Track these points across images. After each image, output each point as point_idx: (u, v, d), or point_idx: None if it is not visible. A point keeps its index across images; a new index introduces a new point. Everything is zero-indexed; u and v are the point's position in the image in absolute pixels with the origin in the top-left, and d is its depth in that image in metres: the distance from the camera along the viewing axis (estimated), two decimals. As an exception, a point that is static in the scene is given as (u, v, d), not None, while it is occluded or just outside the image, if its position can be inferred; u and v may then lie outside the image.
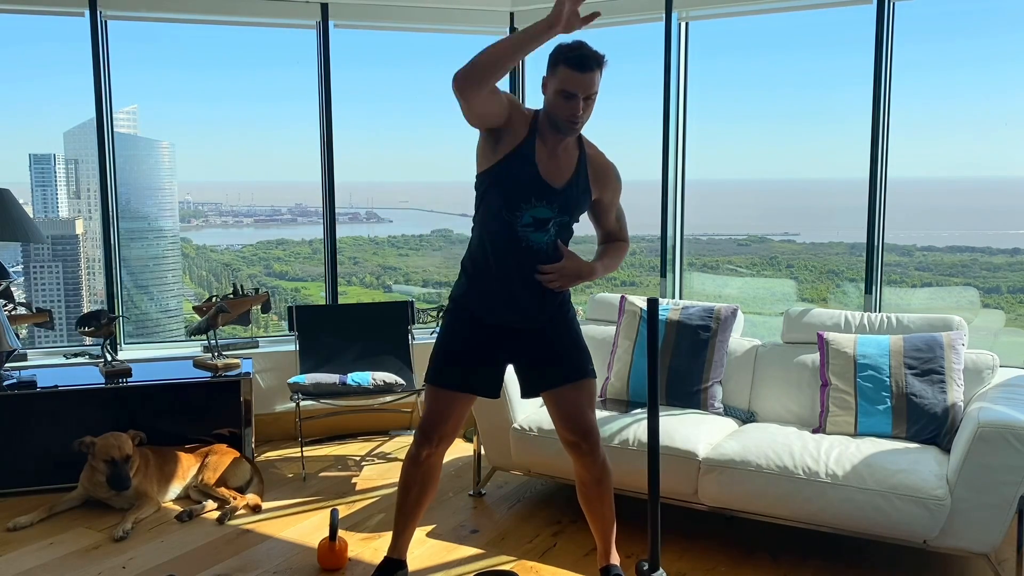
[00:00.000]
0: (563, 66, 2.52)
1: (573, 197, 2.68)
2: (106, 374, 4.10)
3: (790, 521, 3.10)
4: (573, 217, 2.73)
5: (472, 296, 2.76)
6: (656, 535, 2.35)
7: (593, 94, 2.56)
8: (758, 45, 4.96)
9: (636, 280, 5.63)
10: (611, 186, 2.78)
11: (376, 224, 6.38)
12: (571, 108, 2.54)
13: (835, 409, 3.39)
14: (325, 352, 4.50)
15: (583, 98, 2.53)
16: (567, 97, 2.53)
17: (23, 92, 5.20)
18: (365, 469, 4.29)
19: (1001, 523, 2.78)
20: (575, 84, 2.51)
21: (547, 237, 2.66)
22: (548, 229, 2.66)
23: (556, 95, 2.55)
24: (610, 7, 4.69)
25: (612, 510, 2.88)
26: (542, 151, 2.64)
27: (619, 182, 2.80)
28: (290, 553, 3.30)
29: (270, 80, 5.65)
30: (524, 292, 2.68)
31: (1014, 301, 4.66)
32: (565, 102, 2.54)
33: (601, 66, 2.55)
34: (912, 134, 4.32)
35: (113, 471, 3.59)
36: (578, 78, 2.51)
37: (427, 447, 2.80)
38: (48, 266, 5.38)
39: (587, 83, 2.52)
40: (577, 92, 2.52)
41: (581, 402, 2.77)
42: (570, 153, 2.69)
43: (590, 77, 2.52)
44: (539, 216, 2.64)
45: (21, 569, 3.17)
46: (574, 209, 2.71)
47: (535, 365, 2.80)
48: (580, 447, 2.77)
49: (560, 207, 2.65)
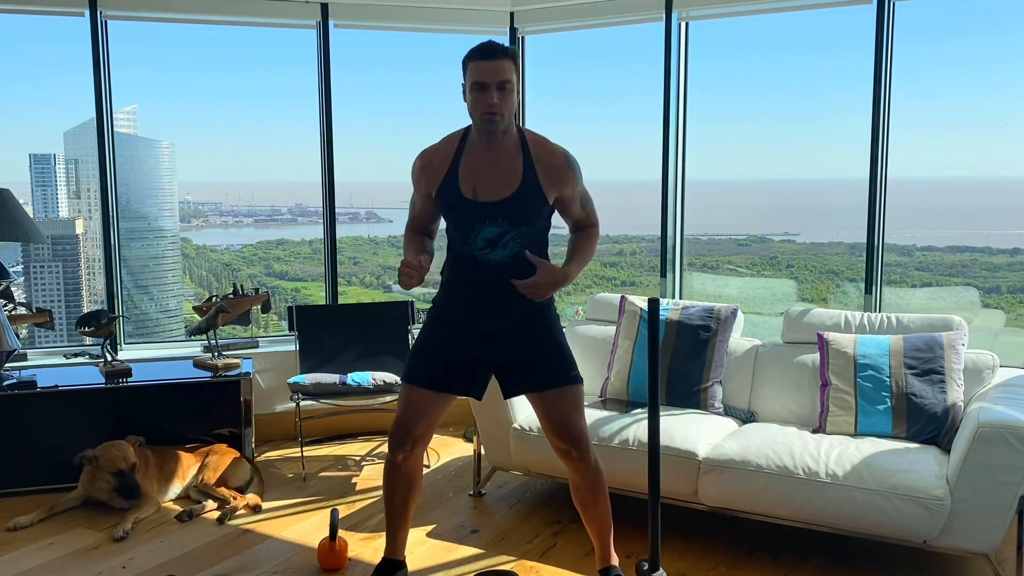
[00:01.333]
0: (470, 61, 2.53)
1: (521, 207, 2.59)
2: (106, 374, 4.10)
3: (790, 521, 3.10)
4: (530, 225, 2.64)
5: (447, 304, 2.78)
6: (656, 535, 2.35)
7: (506, 82, 2.51)
8: (758, 45, 4.97)
9: (636, 280, 5.63)
10: (567, 179, 2.65)
11: (376, 224, 6.38)
12: (485, 99, 2.51)
13: (835, 409, 3.39)
14: (325, 352, 4.50)
15: (495, 87, 2.50)
16: (480, 89, 2.51)
17: (23, 92, 5.21)
18: (365, 469, 4.29)
19: (1001, 523, 2.78)
20: (483, 73, 2.49)
21: (506, 252, 2.63)
22: (505, 244, 2.62)
23: (471, 92, 2.54)
24: (610, 7, 4.69)
25: (608, 513, 2.86)
26: (474, 169, 2.60)
27: (574, 170, 2.67)
28: (290, 553, 3.30)
29: (270, 80, 5.65)
30: (495, 307, 2.68)
31: (1014, 301, 4.66)
32: (480, 95, 2.51)
33: (509, 56, 2.52)
34: (912, 134, 4.33)
35: (121, 482, 3.58)
36: (485, 66, 2.49)
37: (401, 451, 2.78)
38: (48, 266, 5.38)
39: (495, 70, 2.49)
40: (487, 81, 2.49)
41: (565, 408, 2.73)
42: (512, 159, 2.61)
43: (497, 64, 2.49)
44: (489, 236, 2.61)
45: (21, 569, 3.17)
46: (528, 219, 2.62)
47: (511, 369, 2.78)
48: (570, 454, 2.75)
49: (509, 220, 2.59)
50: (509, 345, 2.74)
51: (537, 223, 2.67)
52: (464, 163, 2.62)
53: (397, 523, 2.91)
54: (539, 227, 2.70)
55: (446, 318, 2.78)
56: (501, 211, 2.58)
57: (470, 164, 2.62)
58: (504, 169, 2.60)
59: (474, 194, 2.59)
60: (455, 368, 2.77)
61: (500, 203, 2.58)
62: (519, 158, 2.61)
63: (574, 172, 2.68)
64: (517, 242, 2.63)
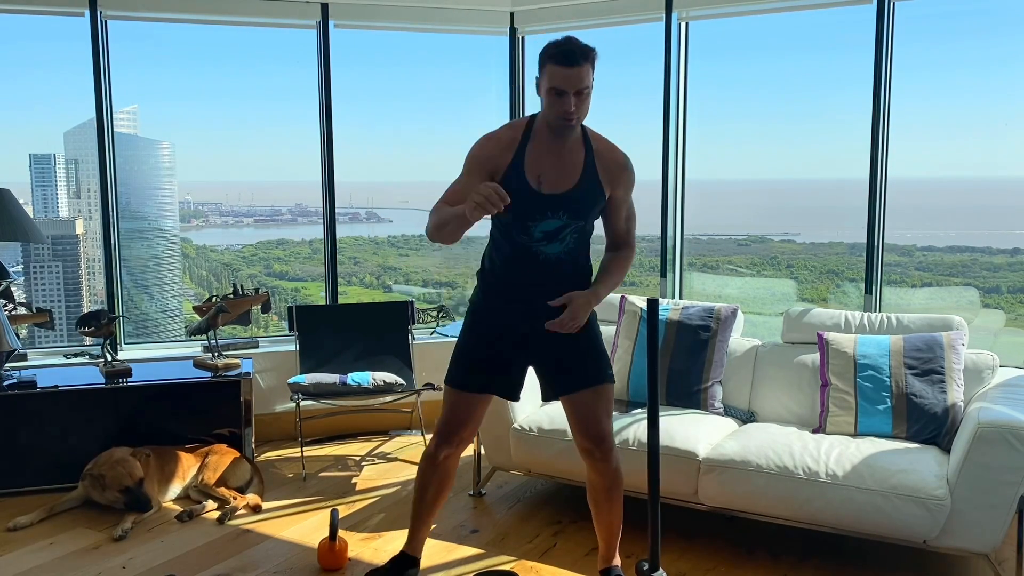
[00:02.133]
0: (550, 63, 2.49)
1: (582, 200, 2.61)
2: (106, 374, 4.10)
3: (790, 521, 3.10)
4: (588, 221, 2.66)
5: (490, 306, 2.77)
6: (656, 535, 2.35)
7: (584, 88, 2.49)
8: (758, 45, 4.97)
9: (636, 280, 5.62)
10: (623, 180, 2.66)
11: (376, 224, 6.38)
12: (563, 105, 2.49)
13: (835, 409, 3.39)
14: (325, 352, 4.50)
15: (574, 94, 2.48)
16: (558, 94, 2.49)
17: (23, 92, 5.20)
18: (365, 469, 4.29)
19: (1001, 523, 2.78)
20: (563, 80, 2.47)
21: (562, 247, 2.63)
22: (563, 238, 2.62)
23: (548, 94, 2.52)
24: (610, 7, 4.69)
25: (620, 517, 2.86)
26: (539, 160, 2.59)
27: (631, 175, 2.69)
28: (290, 553, 3.30)
29: (270, 80, 5.65)
30: (542, 301, 2.63)
31: (1014, 301, 4.66)
32: (557, 99, 2.50)
33: (590, 59, 2.49)
34: (912, 134, 4.33)
35: (131, 498, 3.56)
36: (566, 73, 2.46)
37: (447, 448, 2.83)
38: (48, 266, 5.38)
39: (575, 78, 2.46)
40: (566, 88, 2.47)
41: (598, 408, 2.73)
42: (575, 154, 2.61)
43: (578, 72, 2.46)
44: (549, 228, 2.60)
45: (21, 569, 3.17)
46: (587, 213, 2.63)
47: (557, 369, 2.77)
48: (593, 454, 2.75)
49: (569, 214, 2.59)
50: (549, 346, 2.72)
51: (593, 218, 2.68)
52: (530, 153, 2.61)
53: (422, 520, 2.95)
54: (593, 224, 2.71)
55: (487, 319, 2.77)
56: (563, 204, 2.59)
57: (536, 155, 2.61)
58: (567, 162, 2.61)
59: (539, 184, 2.59)
60: (498, 370, 2.78)
61: (563, 196, 2.59)
62: (582, 152, 2.62)
63: (630, 176, 2.69)
64: (574, 237, 2.64)
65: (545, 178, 2.59)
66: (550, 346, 2.72)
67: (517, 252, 2.66)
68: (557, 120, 2.54)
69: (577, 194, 2.60)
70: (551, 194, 2.58)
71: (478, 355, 2.78)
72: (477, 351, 2.78)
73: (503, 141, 2.63)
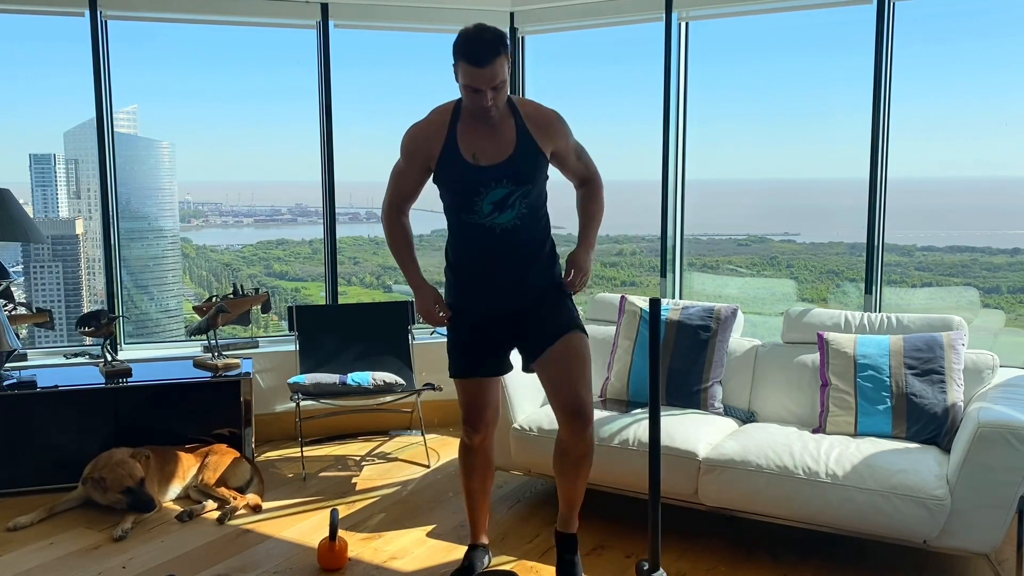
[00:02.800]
0: (462, 61, 2.51)
1: (523, 164, 2.65)
2: (106, 374, 4.10)
3: (790, 521, 3.10)
4: (534, 184, 2.69)
5: (460, 293, 2.82)
6: (656, 535, 2.35)
7: (500, 82, 2.52)
8: (758, 45, 4.97)
9: (636, 280, 5.63)
10: (558, 132, 2.73)
11: (376, 224, 6.36)
12: (479, 100, 2.53)
13: (835, 409, 3.39)
14: (325, 352, 4.50)
15: (489, 88, 2.51)
16: (474, 91, 2.53)
17: (23, 92, 5.20)
18: (365, 469, 4.29)
19: (1001, 523, 2.78)
20: (477, 79, 2.49)
21: (513, 212, 2.67)
22: (512, 204, 2.66)
23: (464, 89, 2.56)
24: (610, 7, 4.69)
25: (582, 489, 2.90)
26: (471, 137, 2.64)
27: (564, 125, 2.75)
28: (290, 553, 3.30)
29: (270, 80, 5.65)
30: (506, 277, 2.72)
31: (1014, 301, 4.65)
32: (473, 95, 2.54)
33: (501, 53, 2.50)
34: (912, 134, 4.32)
35: (133, 499, 3.56)
36: (478, 73, 2.49)
37: (475, 435, 2.92)
38: (48, 266, 5.38)
39: (487, 76, 2.49)
40: (481, 87, 2.51)
41: (571, 370, 2.74)
42: (505, 123, 2.66)
43: (490, 71, 2.48)
44: (495, 199, 2.64)
45: (21, 569, 3.17)
46: (530, 177, 2.67)
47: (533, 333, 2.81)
48: (573, 424, 2.78)
49: (513, 180, 2.64)
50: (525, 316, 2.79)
51: (539, 180, 2.72)
52: (461, 133, 2.65)
53: (476, 507, 3.04)
54: (540, 184, 2.75)
55: (463, 310, 2.83)
56: (504, 172, 2.63)
57: (466, 133, 2.65)
58: (500, 133, 2.65)
59: (475, 160, 2.63)
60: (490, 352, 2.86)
61: (502, 164, 2.63)
62: (511, 122, 2.67)
63: (564, 125, 2.76)
64: (523, 201, 2.67)
65: (481, 153, 2.63)
66: (524, 318, 2.78)
67: (473, 233, 2.70)
68: (479, 113, 2.59)
69: (516, 160, 2.64)
70: (490, 165, 2.62)
71: (461, 346, 2.86)
72: (463, 338, 2.86)
73: (433, 125, 2.69)
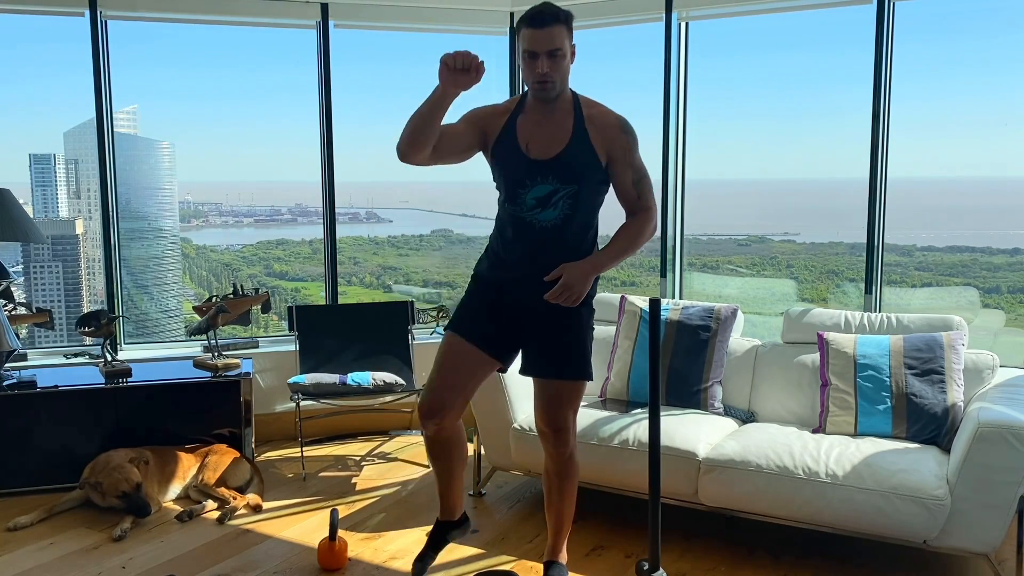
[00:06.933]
0: (523, 27, 2.51)
1: (572, 163, 2.59)
2: (106, 374, 4.10)
3: (790, 521, 3.10)
4: (581, 185, 2.60)
5: (492, 269, 2.77)
6: (656, 535, 2.35)
7: (556, 50, 2.49)
8: (758, 45, 4.97)
9: (636, 280, 5.62)
10: (617, 138, 2.60)
11: (376, 224, 6.38)
12: (535, 67, 2.51)
13: (835, 409, 3.39)
14: (325, 352, 4.50)
15: (546, 55, 2.49)
16: (531, 56, 2.51)
17: (23, 92, 5.20)
18: (365, 469, 4.29)
19: (1001, 523, 2.78)
20: (534, 42, 2.49)
21: (556, 212, 2.61)
22: (555, 203, 2.61)
23: (523, 59, 2.55)
24: (610, 7, 4.69)
25: (571, 509, 2.90)
26: (529, 128, 2.62)
27: (628, 134, 2.62)
28: (290, 553, 3.30)
29: (270, 80, 5.65)
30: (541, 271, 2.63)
31: (1014, 301, 4.65)
32: (530, 62, 2.52)
33: (562, 21, 2.49)
34: (912, 134, 4.33)
35: (130, 503, 3.55)
36: (535, 34, 2.48)
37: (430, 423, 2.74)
38: (48, 266, 5.38)
39: (545, 39, 2.48)
40: (537, 50, 2.49)
41: (563, 399, 2.76)
42: (563, 119, 2.62)
43: (547, 32, 2.47)
44: (540, 194, 2.61)
45: (21, 569, 3.17)
46: (578, 176, 2.59)
47: (539, 352, 2.77)
48: (548, 438, 2.79)
49: (559, 178, 2.59)
50: (541, 326, 2.73)
51: (589, 184, 2.63)
52: (520, 122, 2.64)
53: (444, 485, 2.95)
54: (591, 191, 2.65)
55: (491, 280, 2.77)
56: (551, 169, 2.59)
57: (525, 123, 2.64)
58: (556, 128, 2.62)
59: (527, 149, 2.61)
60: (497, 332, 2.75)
61: (551, 160, 2.60)
62: (571, 118, 2.62)
63: (627, 136, 2.63)
64: (567, 203, 2.61)
65: (533, 144, 2.61)
66: (539, 327, 2.73)
67: (515, 225, 2.67)
68: (534, 86, 2.56)
69: (566, 158, 2.59)
70: (538, 159, 2.60)
71: (474, 309, 2.78)
72: (474, 304, 2.79)
73: (500, 108, 2.70)
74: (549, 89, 2.55)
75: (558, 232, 2.63)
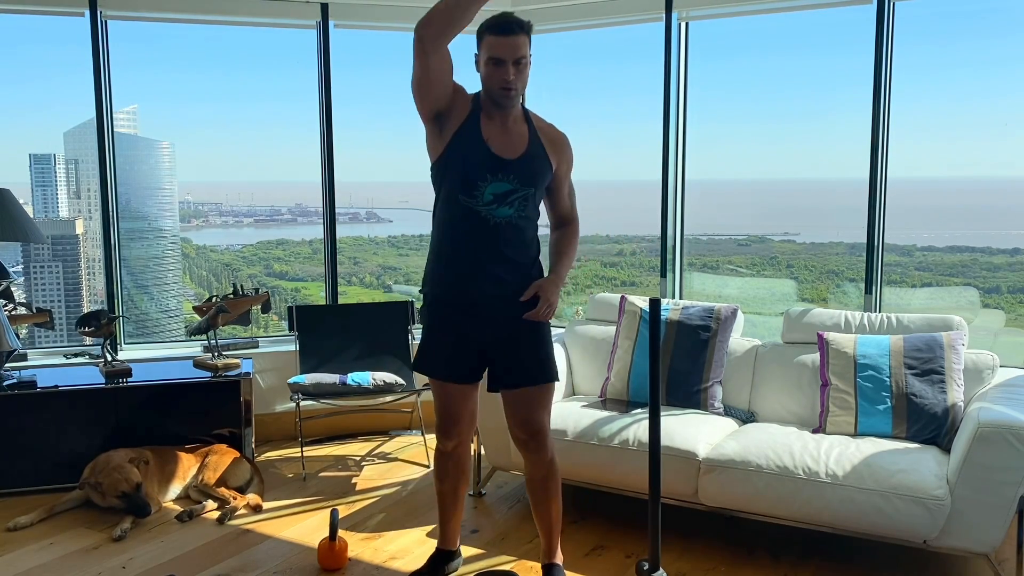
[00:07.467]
0: (488, 34, 2.55)
1: (531, 167, 2.66)
2: (106, 374, 4.10)
3: (790, 521, 3.10)
4: (537, 188, 2.70)
5: (443, 288, 2.74)
6: (656, 535, 2.35)
7: (522, 58, 2.56)
8: (758, 45, 4.97)
9: (636, 280, 5.62)
10: (565, 155, 2.78)
11: (376, 224, 6.38)
12: (501, 74, 2.55)
13: (835, 409, 3.39)
14: (325, 352, 4.50)
15: (512, 63, 2.54)
16: (496, 63, 2.55)
17: (23, 92, 5.20)
18: (365, 469, 4.29)
19: (1001, 523, 2.78)
20: (501, 49, 2.53)
21: (512, 210, 2.65)
22: (512, 203, 2.65)
23: (486, 65, 2.57)
24: (610, 7, 4.69)
25: (558, 510, 2.91)
26: (489, 127, 2.64)
27: (571, 152, 2.80)
28: (290, 553, 3.30)
29: (270, 80, 5.65)
30: (496, 267, 2.67)
31: (1014, 301, 4.65)
32: (496, 69, 2.55)
33: (526, 30, 2.56)
34: (912, 134, 4.32)
35: (130, 503, 3.55)
36: (503, 42, 2.53)
37: (449, 442, 2.88)
38: (48, 266, 5.38)
39: (512, 47, 2.53)
40: (504, 57, 2.53)
41: (537, 402, 2.78)
42: (519, 127, 2.69)
43: (514, 40, 2.53)
44: (499, 191, 2.63)
45: (21, 569, 3.17)
46: (535, 179, 2.68)
47: (499, 361, 2.78)
48: (528, 444, 2.81)
49: (519, 178, 2.64)
50: (504, 337, 2.73)
51: (540, 189, 2.73)
52: (482, 118, 2.66)
53: (447, 512, 3.00)
54: (539, 196, 2.75)
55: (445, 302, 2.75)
56: (513, 168, 2.64)
57: (485, 121, 2.66)
58: (514, 132, 2.68)
59: (490, 144, 2.64)
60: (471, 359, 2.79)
61: (515, 160, 2.64)
62: (525, 126, 2.71)
63: (571, 152, 2.81)
64: (522, 204, 2.67)
65: (494, 142, 2.64)
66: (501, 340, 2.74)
67: (469, 218, 2.65)
68: (498, 92, 2.58)
69: (526, 160, 2.66)
70: (500, 156, 2.63)
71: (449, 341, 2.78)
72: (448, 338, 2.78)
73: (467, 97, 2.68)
74: (513, 96, 2.61)
75: (514, 230, 2.67)
